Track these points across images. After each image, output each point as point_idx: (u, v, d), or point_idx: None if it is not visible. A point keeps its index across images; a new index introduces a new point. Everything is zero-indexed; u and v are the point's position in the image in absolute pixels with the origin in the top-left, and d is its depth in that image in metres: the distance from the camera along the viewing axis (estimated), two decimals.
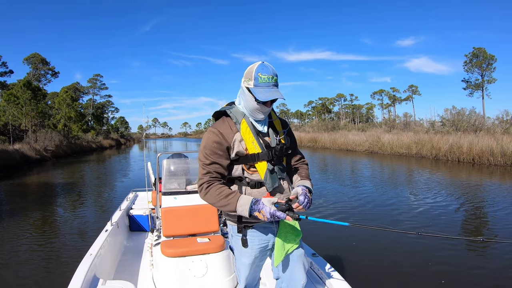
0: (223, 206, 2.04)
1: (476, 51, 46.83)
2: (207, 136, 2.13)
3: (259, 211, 1.95)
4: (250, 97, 2.09)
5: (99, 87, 74.03)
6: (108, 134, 68.63)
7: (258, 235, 2.23)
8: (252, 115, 2.15)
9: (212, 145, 2.08)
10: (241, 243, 2.21)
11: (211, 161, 2.08)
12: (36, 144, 29.50)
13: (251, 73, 2.08)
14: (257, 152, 2.11)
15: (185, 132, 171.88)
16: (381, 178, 14.92)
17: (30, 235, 7.35)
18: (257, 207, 1.95)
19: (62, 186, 14.94)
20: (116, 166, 24.34)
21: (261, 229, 2.23)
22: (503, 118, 26.46)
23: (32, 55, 51.18)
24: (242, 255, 2.26)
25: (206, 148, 2.10)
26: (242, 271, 2.31)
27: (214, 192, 2.05)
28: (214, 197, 2.05)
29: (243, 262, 2.27)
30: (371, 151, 27.51)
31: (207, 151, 2.09)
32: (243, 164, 2.16)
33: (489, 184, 12.67)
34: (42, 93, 38.69)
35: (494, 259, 5.60)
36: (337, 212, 8.60)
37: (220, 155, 2.09)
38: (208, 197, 2.08)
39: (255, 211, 1.96)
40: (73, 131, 45.00)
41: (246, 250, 2.22)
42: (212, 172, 2.08)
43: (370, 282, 4.77)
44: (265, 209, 1.94)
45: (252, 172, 2.16)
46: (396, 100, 76.38)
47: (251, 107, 2.11)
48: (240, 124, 2.13)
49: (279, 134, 2.23)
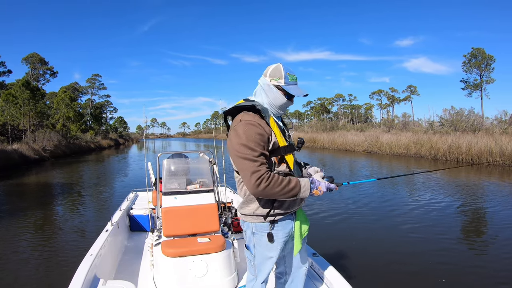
0: (287, 192, 2.06)
1: (475, 51, 46.86)
2: (247, 128, 2.09)
3: (317, 188, 2.15)
4: (279, 94, 2.22)
5: (97, 87, 73.90)
6: (107, 134, 68.60)
7: (281, 228, 2.28)
8: (278, 110, 2.28)
9: (256, 137, 2.07)
10: (267, 239, 2.25)
11: (260, 152, 2.07)
12: (35, 144, 29.48)
13: (280, 72, 2.22)
14: (285, 144, 2.21)
15: (183, 132, 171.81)
16: (379, 177, 14.88)
17: (30, 235, 7.34)
18: (314, 185, 2.15)
19: (62, 186, 14.94)
20: (116, 166, 24.33)
21: (283, 222, 2.29)
22: (501, 118, 26.54)
23: (31, 55, 51.14)
24: (269, 250, 2.29)
25: (250, 141, 2.06)
26: (266, 266, 2.34)
27: (276, 181, 2.04)
28: (279, 186, 2.04)
29: (270, 257, 2.31)
30: (370, 151, 27.52)
31: (252, 143, 2.06)
32: (274, 157, 2.20)
33: (487, 183, 12.72)
34: (41, 93, 38.66)
35: (494, 257, 5.63)
36: (335, 211, 8.62)
37: (263, 146, 2.10)
38: (270, 187, 2.03)
39: (313, 189, 2.14)
40: (72, 131, 44.92)
41: (272, 245, 2.26)
42: (265, 163, 2.07)
43: (370, 281, 4.77)
44: (321, 184, 2.17)
45: (282, 164, 2.23)
46: (395, 100, 76.49)
47: (280, 103, 2.24)
48: (269, 118, 2.22)
49: (289, 130, 2.41)
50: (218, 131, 11.76)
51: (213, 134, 7.65)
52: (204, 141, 75.63)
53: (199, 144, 62.88)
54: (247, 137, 2.06)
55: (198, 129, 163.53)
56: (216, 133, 7.88)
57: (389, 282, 4.79)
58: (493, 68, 46.56)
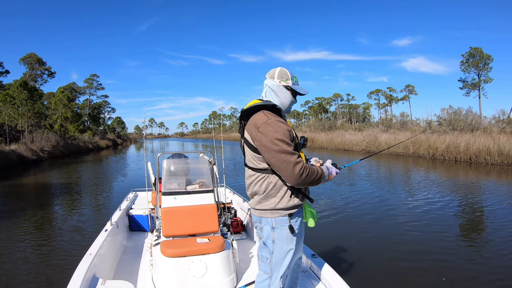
0: (319, 179, 2.30)
1: (473, 51, 46.92)
2: (277, 125, 2.24)
3: (330, 174, 2.39)
4: (288, 93, 2.44)
5: (95, 87, 73.74)
6: (105, 135, 68.45)
7: (296, 220, 2.41)
8: (287, 109, 2.48)
9: (287, 133, 2.24)
10: (290, 231, 2.35)
11: (294, 146, 2.26)
12: (33, 145, 29.39)
13: (287, 74, 2.43)
14: (298, 142, 2.39)
15: (181, 133, 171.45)
16: (378, 176, 14.96)
17: (30, 235, 7.34)
18: (330, 171, 2.40)
19: (61, 186, 14.89)
20: (115, 166, 24.31)
21: (298, 214, 2.44)
22: (499, 117, 26.60)
23: (29, 55, 51.04)
24: (288, 243, 2.39)
25: (284, 135, 2.22)
26: (285, 261, 2.41)
27: (312, 170, 2.26)
28: (313, 174, 2.26)
29: (289, 249, 2.39)
30: (368, 151, 27.55)
31: (286, 138, 2.22)
32: None
33: (485, 182, 12.76)
34: (39, 93, 38.60)
35: (492, 255, 5.64)
36: (334, 211, 8.64)
37: (292, 141, 2.27)
38: (309, 176, 2.23)
39: (329, 175, 2.39)
40: (70, 132, 44.82)
41: (291, 237, 2.38)
42: (298, 154, 2.25)
43: (369, 282, 4.77)
44: (333, 170, 2.42)
45: None
46: (393, 100, 76.67)
47: (289, 102, 2.46)
48: (286, 117, 2.45)
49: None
50: (217, 131, 11.74)
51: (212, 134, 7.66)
52: (202, 141, 75.62)
53: (197, 144, 62.85)
54: (282, 133, 2.22)
55: (196, 129, 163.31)
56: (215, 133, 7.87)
57: (388, 282, 4.80)
58: (491, 68, 46.66)
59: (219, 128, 12.91)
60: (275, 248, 2.40)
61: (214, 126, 47.30)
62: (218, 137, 6.95)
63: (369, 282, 4.75)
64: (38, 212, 9.59)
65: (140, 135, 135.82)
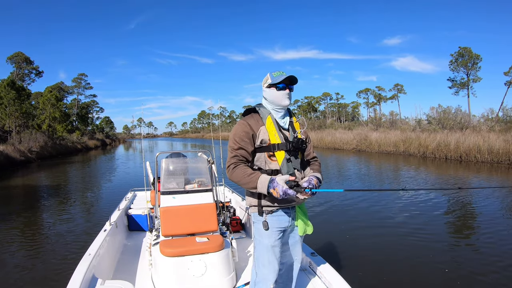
0: (246, 183, 2.39)
1: (462, 50, 47.46)
2: (237, 126, 2.55)
3: (274, 189, 2.30)
4: (272, 90, 2.57)
5: (83, 86, 72.91)
6: (93, 135, 67.73)
7: (277, 218, 2.55)
8: (279, 105, 2.58)
9: (241, 134, 2.49)
10: (262, 226, 2.52)
11: (239, 146, 2.47)
12: (21, 146, 28.93)
13: (267, 77, 2.62)
14: (278, 142, 2.50)
15: (170, 132, 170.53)
16: (368, 174, 15.06)
17: (28, 235, 7.33)
18: (273, 185, 2.31)
19: (55, 187, 14.68)
20: (109, 166, 24.13)
21: (280, 213, 2.56)
22: (488, 116, 26.92)
23: (16, 54, 50.22)
24: (263, 237, 2.56)
25: (236, 135, 2.50)
26: (263, 254, 2.58)
27: (239, 171, 2.41)
28: (240, 175, 2.40)
29: (265, 244, 2.56)
30: (359, 149, 27.73)
31: (237, 138, 2.49)
32: (265, 153, 2.51)
33: (475, 180, 12.92)
34: (26, 93, 38.00)
35: (490, 253, 5.70)
36: (333, 211, 8.68)
37: (246, 142, 2.48)
38: (234, 175, 2.43)
39: (271, 188, 2.30)
40: (58, 132, 44.27)
41: (266, 232, 2.53)
42: (238, 156, 2.47)
43: (368, 280, 4.79)
44: (279, 187, 2.29)
45: (272, 161, 2.51)
46: (382, 99, 77.11)
47: (275, 97, 2.57)
48: (266, 119, 2.55)
49: (296, 132, 2.63)
50: (216, 131, 11.70)
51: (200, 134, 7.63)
52: (191, 141, 75.40)
53: (186, 143, 62.61)
54: (234, 133, 2.52)
55: (185, 129, 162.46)
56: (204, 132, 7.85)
57: (387, 281, 4.82)
58: (480, 67, 47.22)
59: (212, 127, 13.03)
60: (255, 242, 2.64)
61: (203, 126, 47.22)
62: (216, 137, 6.97)
63: (368, 280, 4.77)
64: (34, 214, 9.52)
65: (129, 135, 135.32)
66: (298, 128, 2.70)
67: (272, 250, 2.54)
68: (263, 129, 2.51)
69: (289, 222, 2.59)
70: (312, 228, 2.64)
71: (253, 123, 2.53)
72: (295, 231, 2.66)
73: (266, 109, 2.62)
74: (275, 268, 2.57)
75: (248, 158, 2.50)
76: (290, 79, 2.55)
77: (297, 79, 2.58)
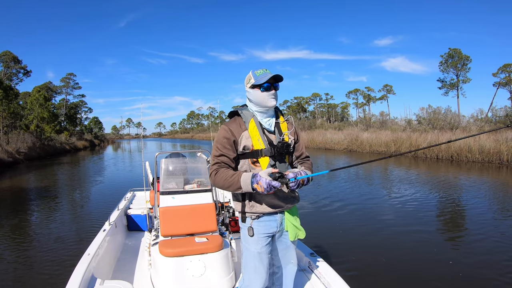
0: (230, 185, 2.29)
1: (452, 51, 48.23)
2: (219, 132, 2.46)
3: (258, 183, 2.18)
4: (256, 91, 2.43)
5: (72, 86, 72.27)
6: (82, 135, 67.13)
7: (264, 224, 2.46)
8: (264, 106, 2.44)
9: (222, 140, 2.40)
10: (247, 232, 2.45)
11: (220, 153, 2.40)
12: (8, 146, 28.54)
13: (249, 76, 2.48)
14: (261, 148, 2.39)
15: (159, 133, 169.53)
16: (356, 174, 15.14)
17: (27, 235, 7.33)
18: (255, 179, 2.20)
19: (52, 187, 14.55)
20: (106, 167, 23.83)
21: (267, 218, 2.47)
22: (477, 116, 27.28)
23: (4, 53, 49.47)
24: (249, 243, 2.47)
25: (217, 142, 2.43)
26: (250, 260, 2.49)
27: (221, 174, 2.32)
28: (222, 179, 2.32)
29: (251, 250, 2.47)
30: (350, 150, 27.89)
31: (218, 145, 2.41)
32: (248, 159, 2.43)
33: (465, 179, 13.06)
34: (14, 93, 37.52)
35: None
36: (331, 210, 8.71)
37: (228, 149, 2.39)
38: (217, 180, 2.34)
39: (255, 183, 2.19)
40: (46, 132, 43.74)
41: (252, 238, 2.45)
42: (220, 162, 2.39)
43: (367, 280, 4.82)
44: (262, 180, 2.17)
45: (256, 167, 2.42)
46: (371, 100, 77.66)
47: (260, 99, 2.42)
48: (249, 123, 2.43)
49: (283, 134, 2.51)
50: (206, 132, 11.71)
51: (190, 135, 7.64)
52: (181, 141, 75.19)
53: (175, 144, 62.42)
54: (216, 139, 2.46)
55: (174, 129, 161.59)
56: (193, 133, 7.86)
57: (386, 280, 4.85)
58: (469, 68, 48.12)
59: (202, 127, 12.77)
60: (243, 248, 2.56)
61: (192, 126, 47.25)
62: (208, 138, 6.87)
63: (367, 280, 4.80)
64: (31, 214, 9.52)
65: (118, 136, 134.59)
66: (286, 129, 2.56)
67: (258, 257, 2.46)
68: (245, 134, 2.41)
69: (277, 228, 2.50)
70: (304, 233, 2.51)
71: (235, 129, 2.43)
72: (285, 236, 2.55)
73: (249, 112, 2.49)
74: (262, 275, 2.49)
75: (230, 164, 2.40)
76: (275, 77, 2.40)
77: (282, 77, 2.42)
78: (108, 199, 10.81)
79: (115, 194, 10.87)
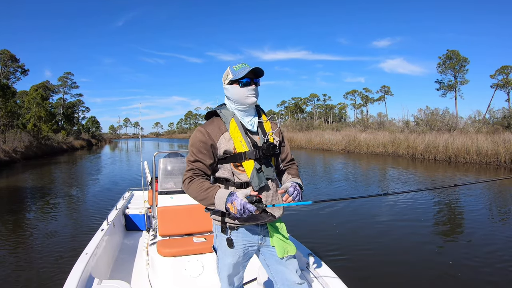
0: (203, 199, 2.07)
1: (450, 53, 48.38)
2: (195, 135, 2.21)
3: (232, 202, 1.96)
4: (235, 88, 2.21)
5: (69, 85, 72.06)
6: (79, 135, 66.99)
7: (242, 236, 2.25)
8: (244, 103, 2.22)
9: (198, 144, 2.16)
10: (227, 244, 2.22)
11: (195, 159, 2.15)
12: (5, 145, 28.47)
13: (227, 72, 2.26)
14: (244, 150, 2.17)
15: (157, 132, 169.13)
16: (354, 174, 15.13)
17: (25, 235, 7.32)
18: (230, 199, 1.98)
19: (50, 187, 14.53)
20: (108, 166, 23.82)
21: (246, 230, 2.25)
22: (475, 118, 27.35)
23: (1, 51, 49.28)
24: (226, 255, 2.28)
25: (192, 146, 2.18)
26: (225, 271, 2.32)
27: (195, 186, 2.09)
28: (195, 191, 2.08)
29: (227, 262, 2.28)
30: (348, 151, 27.91)
31: (193, 149, 2.16)
32: (231, 163, 2.20)
33: (465, 179, 13.04)
34: (11, 92, 37.37)
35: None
36: (330, 210, 8.73)
37: (204, 154, 2.15)
38: (190, 191, 2.11)
39: (228, 202, 1.98)
40: (43, 132, 43.56)
41: (230, 250, 2.24)
42: (195, 169, 2.14)
43: (366, 280, 4.82)
44: (237, 200, 1.96)
45: (240, 171, 2.19)
46: (369, 101, 77.76)
47: (239, 95, 2.20)
48: (229, 123, 2.21)
49: (267, 134, 2.28)
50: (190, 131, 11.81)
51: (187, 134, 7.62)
52: (178, 141, 75.03)
53: (173, 144, 62.32)
54: (191, 143, 2.19)
55: (172, 129, 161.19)
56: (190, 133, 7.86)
57: (384, 280, 4.85)
58: (467, 70, 48.27)
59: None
60: (218, 255, 2.36)
61: (189, 126, 47.13)
62: None
63: (366, 280, 4.81)
64: (29, 213, 9.50)
65: (115, 135, 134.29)
66: (270, 129, 2.34)
67: (232, 268, 2.29)
68: (225, 137, 2.18)
69: (258, 240, 2.28)
70: (294, 248, 2.28)
71: (213, 131, 2.19)
72: (273, 252, 2.28)
73: (228, 111, 2.26)
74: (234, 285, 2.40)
75: (206, 172, 2.18)
76: (255, 71, 2.19)
77: (263, 70, 2.21)
78: (106, 199, 10.79)
79: (113, 193, 10.85)
